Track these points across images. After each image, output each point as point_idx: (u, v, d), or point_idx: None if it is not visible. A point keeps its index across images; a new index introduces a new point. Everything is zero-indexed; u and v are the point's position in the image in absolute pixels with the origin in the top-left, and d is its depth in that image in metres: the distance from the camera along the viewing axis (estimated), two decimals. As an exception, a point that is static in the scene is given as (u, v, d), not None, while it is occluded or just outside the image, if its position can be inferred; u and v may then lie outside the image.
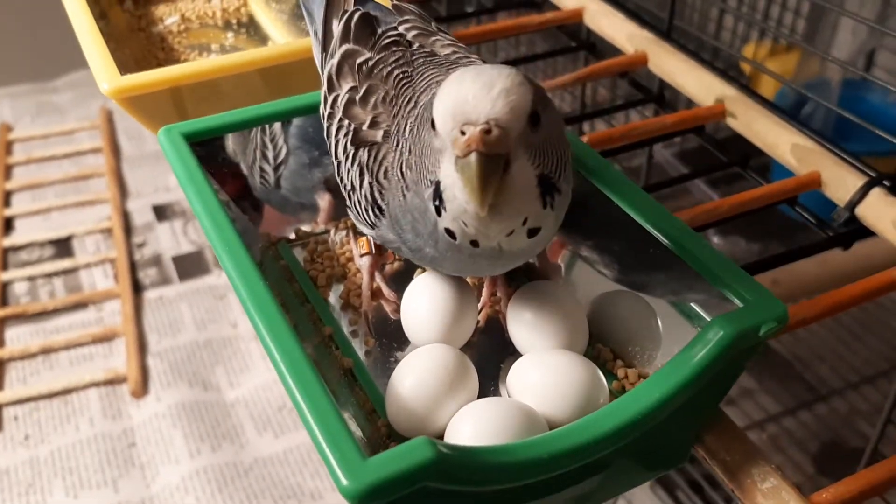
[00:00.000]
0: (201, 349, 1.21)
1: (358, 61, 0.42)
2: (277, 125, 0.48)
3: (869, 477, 0.38)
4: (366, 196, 0.41)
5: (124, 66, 0.55)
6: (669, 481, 0.87)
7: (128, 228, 1.41)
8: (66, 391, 1.16)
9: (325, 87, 0.44)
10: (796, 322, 0.43)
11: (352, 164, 0.41)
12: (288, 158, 0.49)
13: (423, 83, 0.40)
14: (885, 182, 0.52)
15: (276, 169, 0.49)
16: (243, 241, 0.39)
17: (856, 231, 0.53)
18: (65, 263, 1.34)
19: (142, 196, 1.48)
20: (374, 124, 0.40)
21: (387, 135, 0.40)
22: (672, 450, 0.40)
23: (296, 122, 0.49)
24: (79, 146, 1.57)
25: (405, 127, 0.39)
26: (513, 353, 0.43)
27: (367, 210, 0.41)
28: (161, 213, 1.45)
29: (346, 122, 0.42)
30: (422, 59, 0.41)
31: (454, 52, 0.42)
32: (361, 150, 0.41)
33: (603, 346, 0.43)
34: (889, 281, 0.46)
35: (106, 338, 1.23)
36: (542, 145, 0.34)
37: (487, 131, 0.32)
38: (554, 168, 0.35)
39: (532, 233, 0.36)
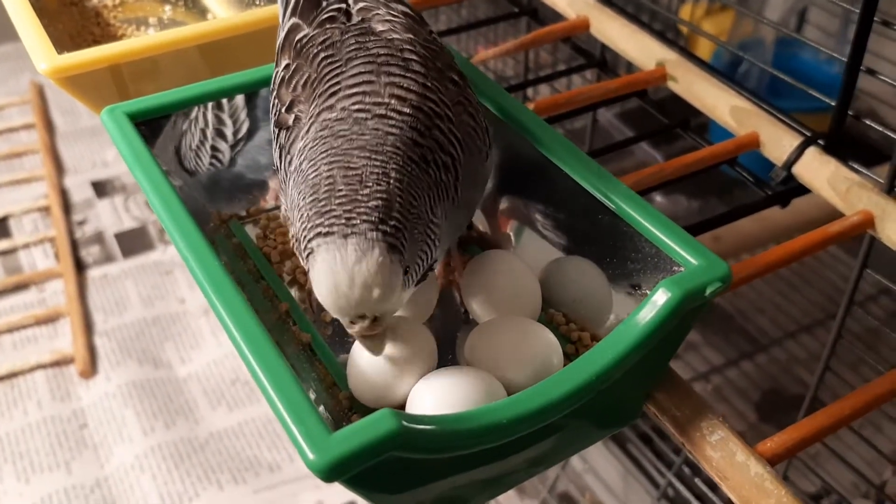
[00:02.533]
0: (150, 326, 1.20)
1: (297, 38, 0.42)
2: (240, 100, 0.48)
3: (809, 425, 0.40)
4: (281, 178, 0.41)
5: (59, 44, 0.53)
6: (620, 435, 0.90)
7: (66, 206, 1.38)
8: (12, 375, 1.14)
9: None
10: (739, 280, 0.44)
11: (276, 145, 0.41)
12: (252, 133, 0.49)
13: (343, 85, 0.38)
14: (820, 141, 0.54)
15: (234, 146, 0.48)
16: (195, 221, 0.39)
17: (793, 189, 0.55)
18: (2, 244, 1.31)
19: (79, 172, 1.45)
20: (290, 107, 0.40)
21: (297, 119, 0.39)
22: (625, 408, 0.41)
23: (264, 94, 0.48)
24: (9, 122, 1.53)
25: (313, 124, 0.38)
26: (468, 322, 0.44)
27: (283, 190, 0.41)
28: (100, 189, 1.42)
29: (276, 101, 0.41)
30: (352, 41, 0.40)
31: (390, 30, 0.40)
32: (281, 132, 0.40)
33: (555, 310, 0.44)
34: (825, 237, 0.48)
35: (50, 319, 1.20)
36: (412, 277, 0.36)
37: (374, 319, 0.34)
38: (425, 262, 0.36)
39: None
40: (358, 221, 0.33)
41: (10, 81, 1.63)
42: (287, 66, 0.41)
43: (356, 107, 0.36)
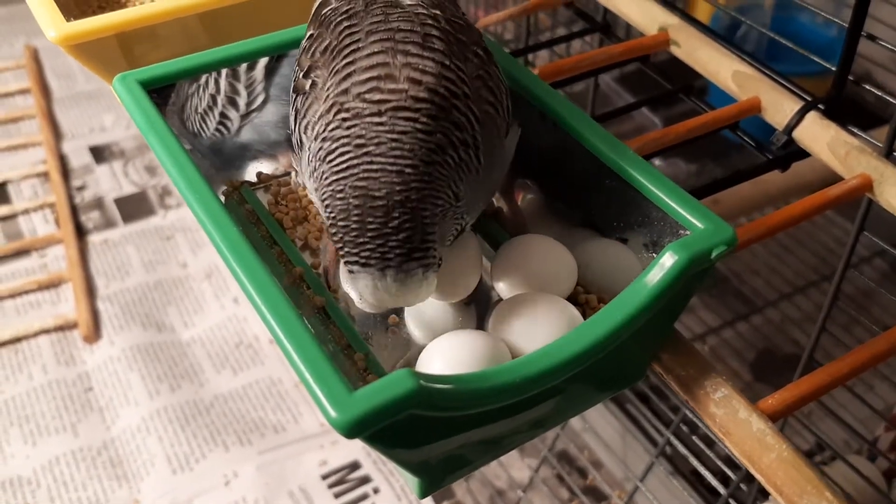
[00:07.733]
0: (152, 291, 1.21)
1: (324, 11, 0.42)
2: (260, 71, 0.48)
3: (809, 383, 0.42)
4: (294, 140, 0.42)
5: (65, 9, 0.54)
6: (619, 395, 0.92)
7: (65, 172, 1.38)
8: (16, 340, 1.15)
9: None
10: (743, 243, 0.45)
11: (292, 108, 0.42)
12: (264, 106, 0.49)
13: (359, 66, 0.38)
14: (820, 106, 0.55)
15: (244, 116, 0.49)
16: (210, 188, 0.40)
17: (793, 153, 0.56)
18: (1, 210, 1.31)
19: (77, 137, 1.44)
20: (308, 73, 0.41)
21: (314, 85, 0.40)
22: (631, 368, 0.43)
23: (285, 71, 0.49)
24: (5, 87, 1.52)
25: (329, 102, 0.38)
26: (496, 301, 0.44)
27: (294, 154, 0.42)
28: (99, 154, 1.42)
29: (297, 68, 0.42)
30: (378, 11, 0.40)
31: (418, 4, 0.40)
32: (298, 97, 0.41)
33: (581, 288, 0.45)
34: (825, 200, 0.49)
35: (52, 284, 1.21)
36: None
37: None
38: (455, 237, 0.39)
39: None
40: (392, 256, 0.36)
41: (4, 46, 1.62)
42: (311, 36, 0.42)
43: (371, 96, 0.37)
